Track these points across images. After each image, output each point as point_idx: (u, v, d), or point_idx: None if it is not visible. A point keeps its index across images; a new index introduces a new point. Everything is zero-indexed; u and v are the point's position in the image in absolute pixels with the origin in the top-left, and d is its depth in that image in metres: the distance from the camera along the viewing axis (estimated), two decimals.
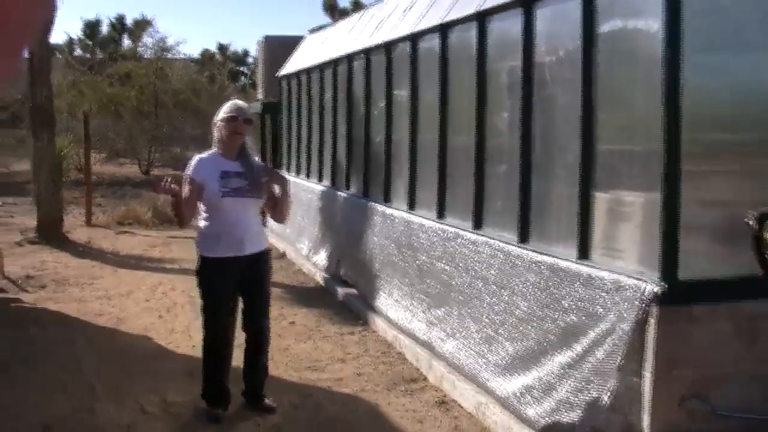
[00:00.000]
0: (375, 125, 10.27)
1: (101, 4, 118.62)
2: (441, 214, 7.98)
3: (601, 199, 5.63)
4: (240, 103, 6.44)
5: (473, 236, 7.07)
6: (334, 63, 12.02)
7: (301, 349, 8.26)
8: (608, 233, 5.64)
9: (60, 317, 9.50)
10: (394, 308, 8.69)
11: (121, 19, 51.84)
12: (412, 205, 8.77)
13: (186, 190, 6.13)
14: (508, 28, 6.87)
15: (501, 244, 6.58)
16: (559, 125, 6.15)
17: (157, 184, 5.97)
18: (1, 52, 0.99)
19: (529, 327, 6.03)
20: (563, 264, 5.71)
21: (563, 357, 5.56)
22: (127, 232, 16.93)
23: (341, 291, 10.44)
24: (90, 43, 51.41)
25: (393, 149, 9.56)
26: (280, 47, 17.07)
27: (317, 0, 60.88)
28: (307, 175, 13.69)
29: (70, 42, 51.51)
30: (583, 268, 5.49)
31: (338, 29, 13.14)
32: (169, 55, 33.66)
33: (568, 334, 5.53)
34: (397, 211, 8.94)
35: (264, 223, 6.74)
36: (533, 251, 6.14)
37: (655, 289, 4.82)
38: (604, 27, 5.53)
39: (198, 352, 8.18)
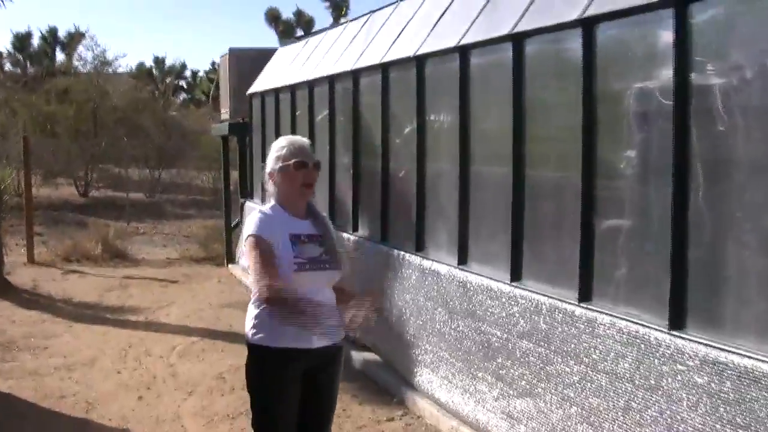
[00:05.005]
0: (397, 153, 8.47)
1: (31, 17, 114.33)
2: (517, 275, 6.20)
3: None
4: (299, 140, 4.48)
5: (584, 312, 5.30)
6: (332, 79, 10.18)
7: None
8: None
9: (12, 406, 7.46)
10: (445, 389, 6.89)
11: (53, 32, 49.11)
12: (464, 259, 6.97)
13: (257, 257, 4.20)
14: (631, 33, 5.15)
15: (639, 329, 4.82)
16: (738, 178, 4.41)
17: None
18: None
19: None
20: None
21: None
22: (76, 272, 14.85)
23: (358, 357, 8.58)
24: (20, 57, 48.65)
25: (428, 183, 7.76)
26: (246, 61, 15.19)
27: (256, 11, 58.73)
28: None
29: None
30: None
31: (330, 39, 11.30)
32: (110, 70, 31.49)
33: None
34: (443, 266, 7.13)
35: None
36: (701, 343, 4.40)
37: None
38: None
39: None
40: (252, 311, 4.39)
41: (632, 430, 4.80)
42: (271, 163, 4.44)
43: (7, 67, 47.38)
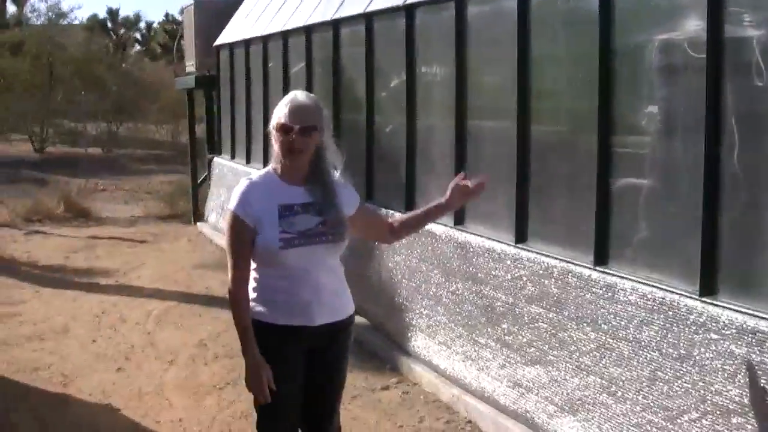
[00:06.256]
0: (384, 107, 8.11)
1: None
2: (522, 236, 5.89)
3: None
4: (300, 97, 3.97)
5: (601, 276, 5.00)
6: (308, 30, 9.76)
7: None
8: None
9: None
10: (444, 355, 6.59)
11: None
12: (460, 219, 6.64)
13: (230, 242, 3.95)
14: None
15: (666, 295, 4.52)
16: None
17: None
18: None
19: (749, 426, 4.01)
20: None
21: None
22: (39, 232, 14.37)
23: None
24: None
25: (419, 138, 7.40)
26: (212, 12, 14.68)
27: None
28: (264, 166, 11.39)
29: None
30: None
31: None
32: (65, 22, 30.67)
33: None
34: (438, 226, 6.77)
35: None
36: (738, 311, 4.12)
37: None
38: None
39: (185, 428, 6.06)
40: (251, 283, 4.05)
41: (659, 401, 4.53)
42: (272, 122, 4.04)
43: None
